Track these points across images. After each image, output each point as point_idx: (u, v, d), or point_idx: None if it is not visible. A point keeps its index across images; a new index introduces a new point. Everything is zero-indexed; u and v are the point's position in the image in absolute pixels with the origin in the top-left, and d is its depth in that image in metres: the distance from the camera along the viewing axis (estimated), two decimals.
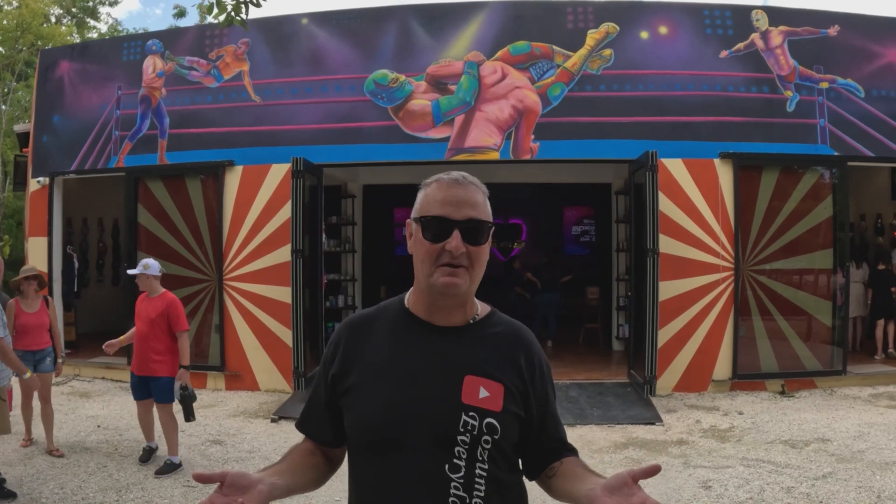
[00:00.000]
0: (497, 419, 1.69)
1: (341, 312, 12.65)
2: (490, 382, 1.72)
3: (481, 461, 1.68)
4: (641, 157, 9.17)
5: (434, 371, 1.73)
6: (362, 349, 1.82)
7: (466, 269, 1.71)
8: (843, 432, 7.41)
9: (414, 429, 1.68)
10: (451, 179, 1.76)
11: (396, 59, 10.05)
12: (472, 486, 1.67)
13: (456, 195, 1.73)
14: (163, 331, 6.40)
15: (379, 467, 1.71)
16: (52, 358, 6.96)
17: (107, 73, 11.16)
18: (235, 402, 9.30)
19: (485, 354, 1.76)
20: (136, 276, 6.54)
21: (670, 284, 9.31)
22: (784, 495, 5.65)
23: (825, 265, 9.81)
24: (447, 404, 1.69)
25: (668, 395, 9.29)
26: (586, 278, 13.85)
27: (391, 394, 1.72)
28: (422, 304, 1.80)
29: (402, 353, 1.77)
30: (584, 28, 9.80)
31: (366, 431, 1.74)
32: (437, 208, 1.73)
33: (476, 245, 1.72)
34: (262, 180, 10.07)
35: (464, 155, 9.77)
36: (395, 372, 1.74)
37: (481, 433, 1.68)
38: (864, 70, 9.80)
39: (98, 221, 14.86)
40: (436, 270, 1.71)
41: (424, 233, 1.73)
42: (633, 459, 6.71)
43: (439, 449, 1.67)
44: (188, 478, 6.24)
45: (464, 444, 1.67)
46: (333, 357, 1.85)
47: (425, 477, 1.66)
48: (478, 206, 1.74)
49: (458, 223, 1.70)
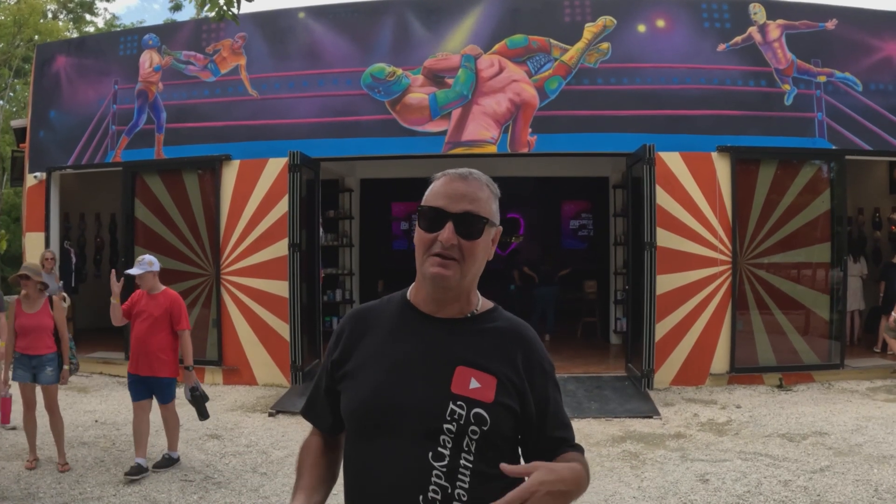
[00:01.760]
0: (486, 410, 1.69)
1: (339, 307, 12.66)
2: (482, 374, 1.72)
3: (467, 452, 1.68)
4: (639, 150, 9.16)
5: (426, 360, 1.74)
6: (362, 338, 1.85)
7: (458, 261, 1.72)
8: (840, 426, 7.41)
9: (401, 415, 1.69)
10: (458, 174, 1.78)
11: (393, 52, 10.03)
12: (455, 476, 1.66)
13: (456, 189, 1.75)
14: (166, 329, 6.29)
15: (366, 452, 1.74)
16: (57, 365, 6.30)
17: (103, 67, 11.13)
18: (233, 396, 9.30)
19: (480, 347, 1.77)
20: (140, 275, 6.25)
21: (668, 278, 9.31)
22: (781, 488, 5.66)
23: (823, 259, 9.81)
24: (435, 392, 1.70)
25: (666, 388, 9.29)
26: (584, 272, 13.84)
27: (382, 380, 1.74)
28: (421, 295, 1.83)
29: (398, 342, 1.79)
30: (581, 21, 9.78)
31: (356, 416, 1.77)
32: (435, 199, 1.75)
33: (468, 239, 1.73)
34: (259, 174, 10.05)
35: (461, 148, 9.75)
36: (388, 360, 1.77)
37: (468, 423, 1.67)
38: (861, 64, 9.79)
39: (95, 216, 14.83)
40: (427, 259, 1.74)
41: (420, 221, 1.76)
42: (630, 453, 6.71)
43: (425, 436, 1.67)
44: (186, 472, 6.24)
45: (449, 433, 1.67)
46: (336, 345, 1.89)
47: (408, 463, 1.67)
48: (477, 202, 1.75)
49: (452, 215, 1.72)
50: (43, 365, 6.26)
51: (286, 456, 6.70)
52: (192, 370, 6.41)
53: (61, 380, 6.39)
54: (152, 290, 6.35)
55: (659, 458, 6.54)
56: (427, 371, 1.73)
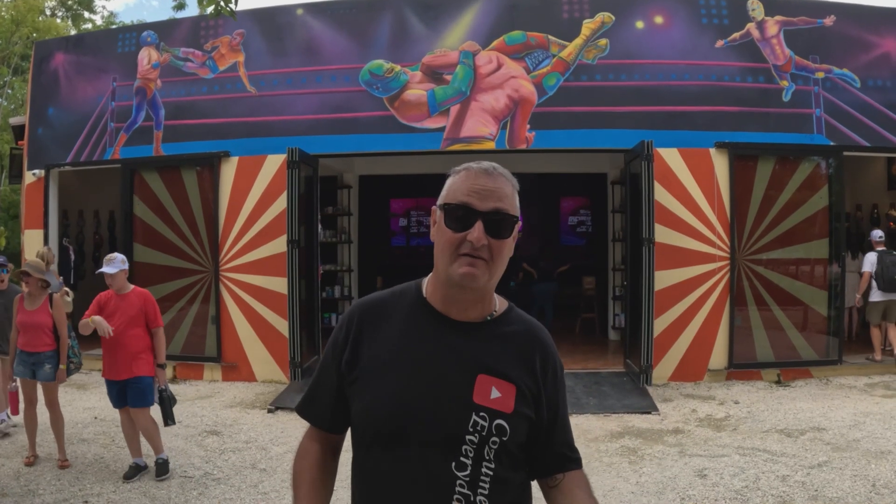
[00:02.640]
0: (507, 421, 1.67)
1: (337, 303, 12.67)
2: (502, 383, 1.70)
3: (488, 460, 1.66)
4: (637, 146, 9.17)
5: (446, 367, 1.70)
6: (374, 335, 1.77)
7: (486, 262, 1.66)
8: (838, 421, 7.43)
9: (422, 425, 1.65)
10: (481, 169, 1.71)
11: (392, 49, 10.03)
12: (477, 484, 1.65)
13: (484, 185, 1.68)
14: (142, 328, 6.04)
15: (384, 461, 1.69)
16: (55, 363, 6.28)
17: (102, 64, 11.12)
18: (232, 392, 9.31)
19: (499, 353, 1.73)
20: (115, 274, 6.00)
21: (666, 274, 9.32)
22: (779, 484, 5.68)
23: (821, 255, 9.82)
24: (458, 403, 1.67)
25: (665, 384, 9.31)
26: (583, 268, 13.86)
27: (401, 386, 1.69)
28: (439, 295, 1.76)
29: (416, 345, 1.73)
30: (579, 18, 9.77)
31: (373, 423, 1.71)
32: (462, 196, 1.67)
33: (498, 238, 1.67)
34: (258, 171, 10.05)
35: (459, 145, 9.76)
36: (406, 364, 1.71)
37: (490, 434, 1.66)
38: (860, 60, 9.79)
39: (94, 213, 14.81)
40: (455, 260, 1.66)
41: (447, 221, 1.68)
42: (628, 448, 6.73)
43: (447, 447, 1.65)
44: (185, 468, 6.25)
45: (471, 444, 1.65)
46: (346, 341, 1.80)
47: (431, 474, 1.64)
48: (505, 199, 1.69)
49: (482, 214, 1.65)
50: (41, 362, 6.24)
51: (285, 452, 6.71)
52: (164, 368, 6.18)
53: (57, 379, 6.31)
54: (121, 289, 6.09)
55: (657, 453, 6.56)
56: (448, 378, 1.68)
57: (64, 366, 6.33)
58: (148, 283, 8.77)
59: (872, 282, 10.06)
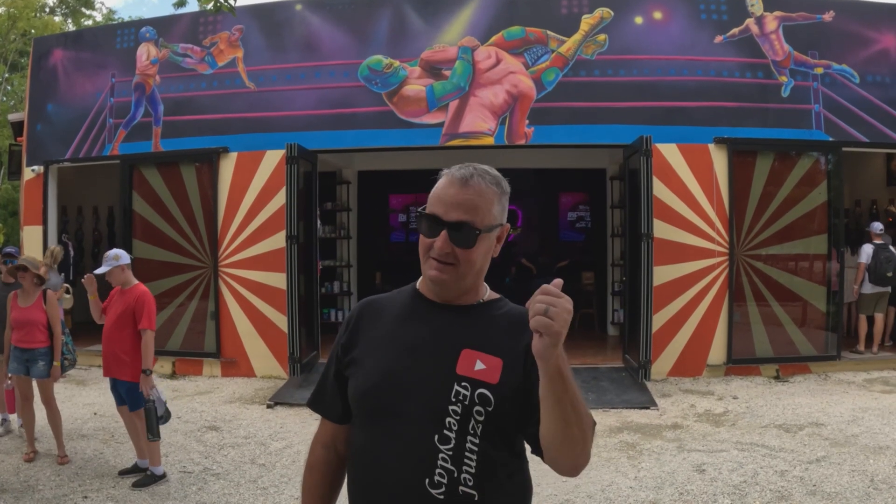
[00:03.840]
0: (491, 391, 1.69)
1: (337, 299, 12.68)
2: (488, 357, 1.73)
3: (473, 434, 1.67)
4: (636, 142, 9.17)
5: (433, 343, 1.76)
6: (372, 325, 1.88)
7: (454, 265, 1.75)
8: (837, 417, 7.44)
9: (407, 398, 1.71)
10: (458, 177, 1.76)
11: (390, 44, 10.02)
12: (461, 459, 1.67)
13: (454, 196, 1.74)
14: (129, 328, 5.71)
15: (373, 436, 1.75)
16: (49, 360, 6.20)
17: (100, 60, 11.11)
18: (231, 388, 9.32)
19: (487, 331, 1.78)
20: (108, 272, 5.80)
21: (665, 269, 9.33)
22: (778, 479, 5.69)
23: (820, 251, 9.82)
24: (440, 374, 1.71)
25: (663, 379, 9.32)
26: (582, 263, 13.86)
27: (388, 363, 1.77)
28: (426, 288, 1.87)
29: (405, 327, 1.83)
30: (578, 13, 9.77)
31: (363, 399, 1.79)
32: (434, 205, 1.76)
33: (462, 248, 1.74)
34: (257, 167, 10.05)
35: (458, 140, 9.75)
36: (396, 344, 1.80)
37: (473, 404, 1.68)
38: (859, 56, 9.78)
39: (93, 210, 14.82)
40: (426, 262, 1.78)
41: (419, 226, 1.79)
42: (627, 443, 6.74)
43: (431, 419, 1.68)
44: (185, 463, 6.26)
45: (455, 415, 1.67)
46: (346, 330, 1.93)
47: (414, 446, 1.68)
48: (474, 210, 1.74)
49: (447, 224, 1.73)
50: (35, 359, 6.20)
51: (284, 447, 6.72)
52: (149, 375, 5.71)
53: (52, 375, 6.24)
54: (125, 284, 5.87)
55: (656, 448, 6.57)
56: (433, 354, 1.75)
57: (58, 362, 6.26)
58: (147, 279, 8.72)
59: (865, 273, 10.15)
